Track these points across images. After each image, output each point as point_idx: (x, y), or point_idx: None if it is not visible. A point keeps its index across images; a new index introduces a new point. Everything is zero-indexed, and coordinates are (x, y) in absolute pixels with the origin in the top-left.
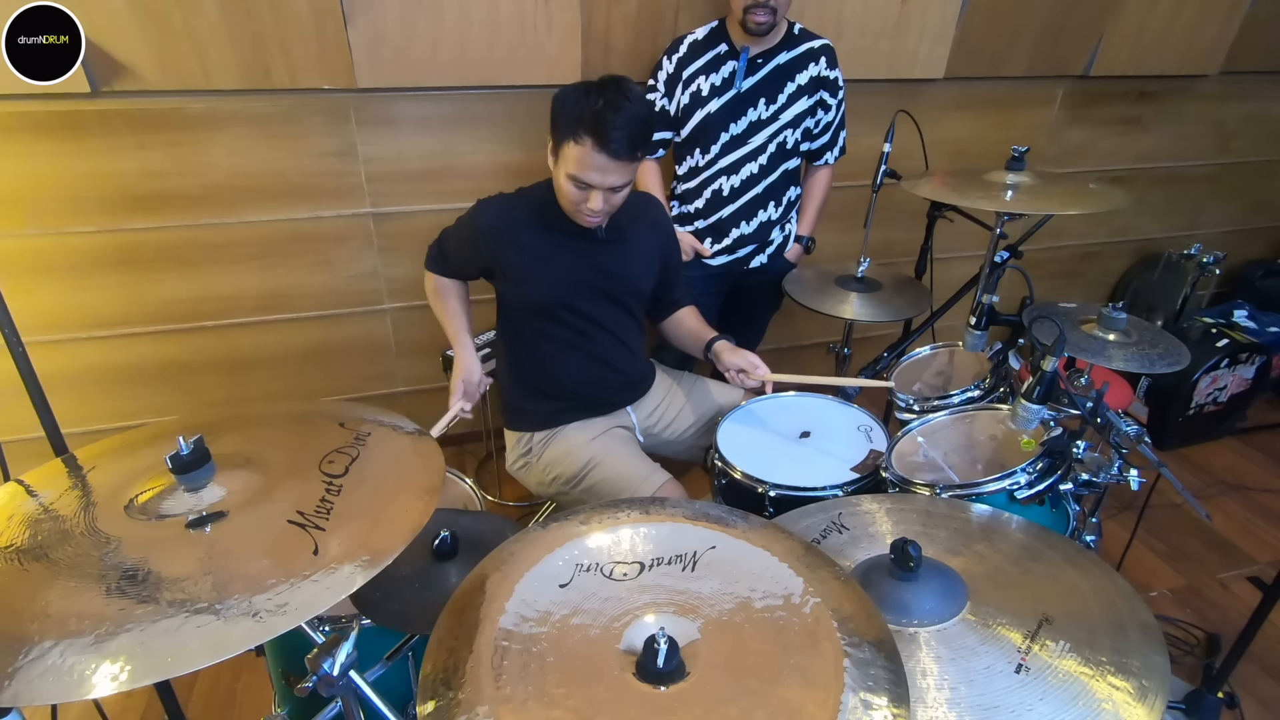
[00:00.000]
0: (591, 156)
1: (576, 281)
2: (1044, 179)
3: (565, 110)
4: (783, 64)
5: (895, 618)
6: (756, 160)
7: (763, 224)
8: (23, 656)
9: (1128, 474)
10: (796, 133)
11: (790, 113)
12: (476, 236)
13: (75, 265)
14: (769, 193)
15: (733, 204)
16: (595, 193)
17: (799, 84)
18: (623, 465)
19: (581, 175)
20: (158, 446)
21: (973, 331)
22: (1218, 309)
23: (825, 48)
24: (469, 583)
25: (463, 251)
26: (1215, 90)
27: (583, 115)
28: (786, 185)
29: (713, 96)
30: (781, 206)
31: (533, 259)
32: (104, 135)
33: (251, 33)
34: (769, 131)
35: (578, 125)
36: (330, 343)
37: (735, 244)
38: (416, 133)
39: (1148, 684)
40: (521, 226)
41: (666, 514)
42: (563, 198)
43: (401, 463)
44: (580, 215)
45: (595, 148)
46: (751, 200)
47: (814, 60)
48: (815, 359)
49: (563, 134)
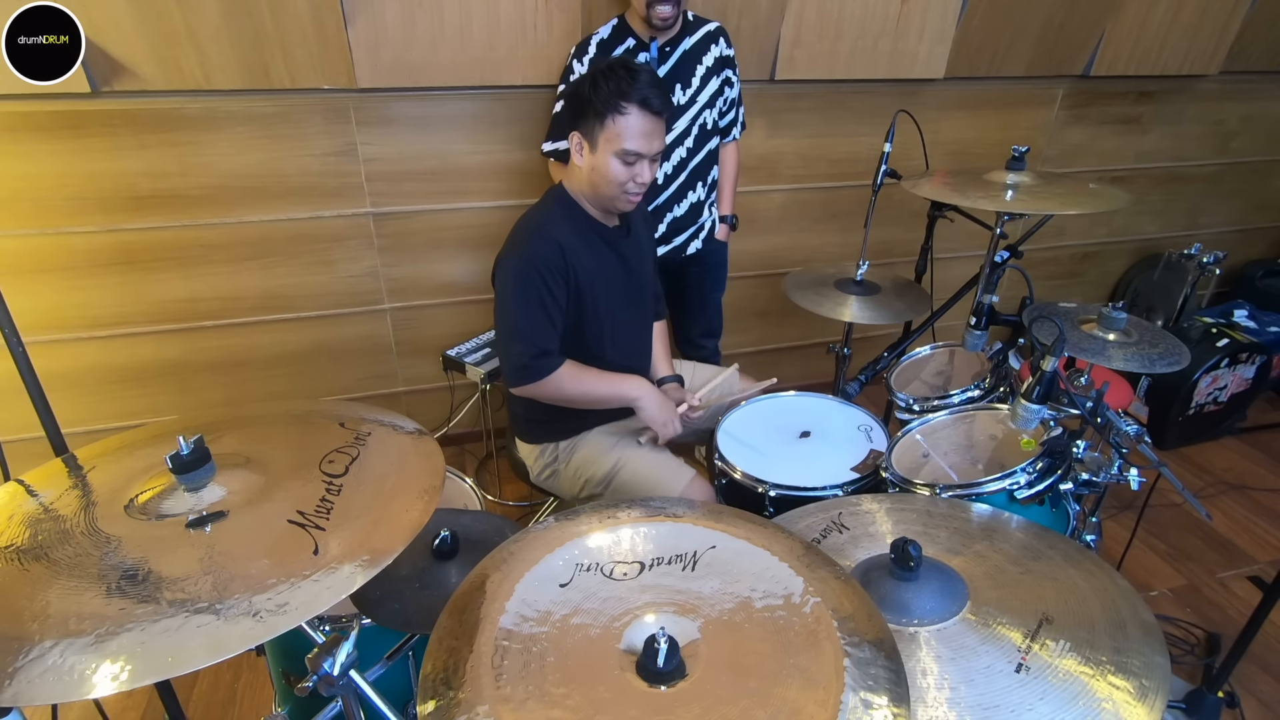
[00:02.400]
0: (640, 122)
1: (611, 278)
2: (1044, 179)
3: (596, 95)
4: (689, 49)
5: (895, 617)
6: (683, 144)
7: (692, 205)
8: (23, 656)
9: (1128, 474)
10: (713, 112)
11: (705, 94)
12: (561, 260)
13: (75, 265)
14: (695, 174)
15: (666, 190)
16: (644, 163)
17: (707, 65)
18: (651, 463)
19: (633, 146)
20: (158, 446)
21: (973, 331)
22: (1218, 309)
23: (720, 29)
24: (469, 582)
25: (557, 297)
26: (1215, 90)
27: (618, 90)
28: (710, 165)
29: None
30: (707, 186)
31: (588, 259)
32: (104, 135)
33: (251, 33)
34: (690, 115)
35: (617, 99)
36: (330, 343)
37: (670, 231)
38: (416, 133)
39: (1148, 683)
40: (570, 236)
41: (667, 514)
42: (608, 183)
43: (401, 463)
44: (624, 198)
45: (642, 112)
46: (682, 184)
47: (713, 42)
48: (815, 359)
49: (600, 117)
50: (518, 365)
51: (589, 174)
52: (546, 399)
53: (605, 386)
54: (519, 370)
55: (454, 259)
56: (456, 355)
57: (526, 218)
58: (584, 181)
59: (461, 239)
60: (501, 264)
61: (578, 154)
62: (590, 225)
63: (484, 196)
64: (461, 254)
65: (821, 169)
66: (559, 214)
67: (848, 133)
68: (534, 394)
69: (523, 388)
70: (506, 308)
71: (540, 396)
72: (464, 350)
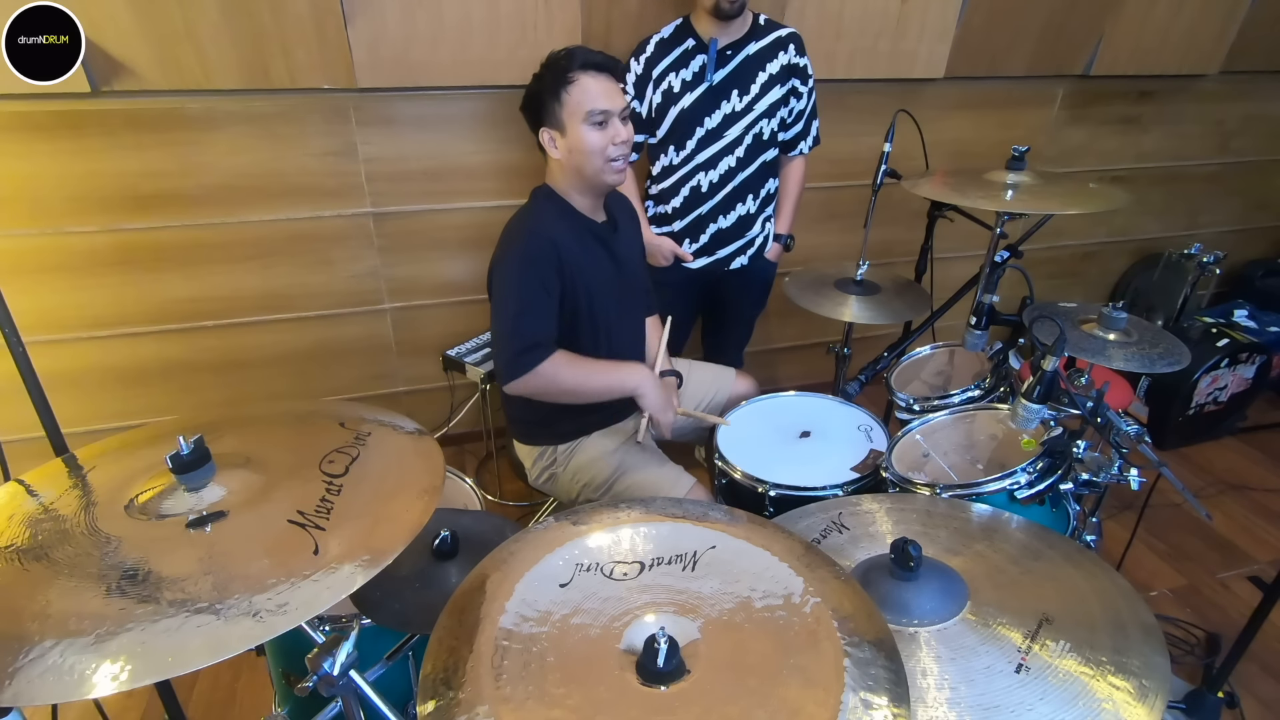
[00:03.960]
0: (593, 82)
1: (604, 276)
2: (1044, 179)
3: (542, 84)
4: (752, 54)
5: (895, 617)
6: (734, 153)
7: (741, 218)
8: (23, 656)
9: (1128, 474)
10: (772, 123)
11: (764, 103)
12: (556, 256)
13: (75, 265)
14: (746, 186)
15: (711, 200)
16: (614, 120)
17: (770, 73)
18: (650, 470)
19: (596, 105)
20: (158, 446)
21: (973, 331)
22: (1218, 309)
23: (793, 35)
24: (469, 582)
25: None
26: (1215, 90)
27: (559, 67)
28: (764, 178)
29: (685, 92)
30: (759, 200)
31: (581, 258)
32: (104, 135)
33: (251, 33)
34: (744, 123)
35: (564, 74)
36: (330, 343)
37: (713, 242)
38: (416, 133)
39: (1148, 684)
40: (563, 234)
41: (666, 514)
42: (589, 155)
43: (401, 462)
44: (609, 167)
45: (589, 73)
46: (729, 194)
47: (782, 49)
48: (815, 359)
49: (555, 97)
50: (510, 358)
51: (569, 158)
52: (543, 395)
53: (602, 376)
54: (511, 363)
55: (454, 259)
56: (456, 355)
57: (517, 218)
58: (567, 170)
59: (461, 239)
60: (497, 261)
61: (552, 147)
62: (580, 221)
63: (484, 196)
64: (461, 254)
65: (821, 169)
66: (549, 212)
67: (847, 132)
68: (530, 389)
69: (517, 382)
70: (503, 296)
71: (536, 392)
72: (464, 350)
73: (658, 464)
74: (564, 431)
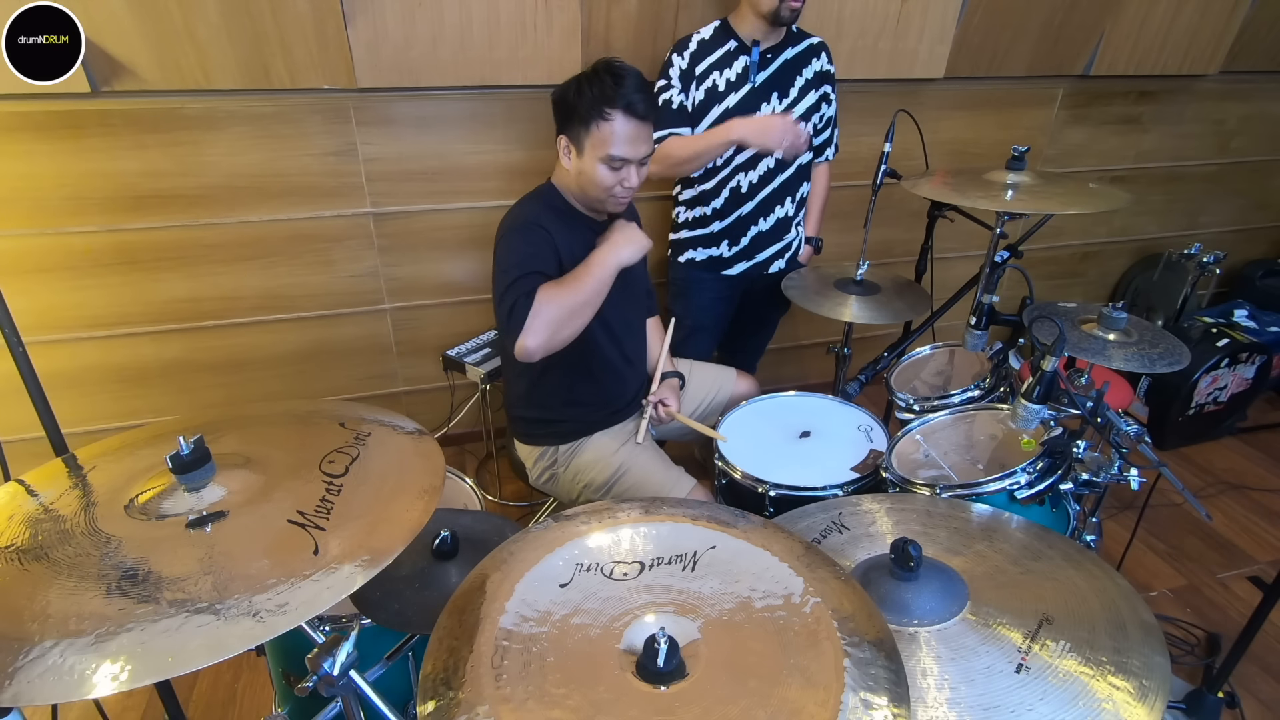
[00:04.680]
0: (625, 127)
1: None
2: (1044, 179)
3: (580, 100)
4: (790, 59)
5: (895, 617)
6: (772, 155)
7: (779, 220)
8: (23, 656)
9: (1128, 474)
10: (808, 127)
11: (802, 106)
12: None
13: (75, 265)
14: (785, 188)
15: (751, 201)
16: (630, 168)
17: (807, 78)
18: (651, 472)
19: (618, 151)
20: (158, 446)
21: (973, 331)
22: (1218, 309)
23: (823, 44)
24: (469, 582)
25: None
26: (1215, 90)
27: (602, 95)
28: (800, 181)
29: (729, 92)
30: (795, 203)
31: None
32: (104, 135)
33: (251, 33)
34: None
35: (601, 104)
36: (330, 343)
37: (753, 246)
38: (416, 133)
39: (1148, 684)
40: (562, 233)
41: (666, 514)
42: (596, 186)
43: (401, 463)
44: (612, 200)
45: (626, 116)
46: (769, 196)
47: (816, 55)
48: (815, 359)
49: (585, 122)
50: (506, 323)
51: (576, 177)
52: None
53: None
54: (510, 327)
55: (454, 259)
56: (456, 355)
57: (516, 211)
58: (572, 182)
59: (461, 239)
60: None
61: (565, 157)
62: (580, 219)
63: (484, 196)
64: (461, 254)
65: None
66: (549, 209)
67: (847, 132)
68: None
69: (523, 336)
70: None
71: (549, 336)
72: (464, 350)
73: (659, 465)
74: (565, 432)
